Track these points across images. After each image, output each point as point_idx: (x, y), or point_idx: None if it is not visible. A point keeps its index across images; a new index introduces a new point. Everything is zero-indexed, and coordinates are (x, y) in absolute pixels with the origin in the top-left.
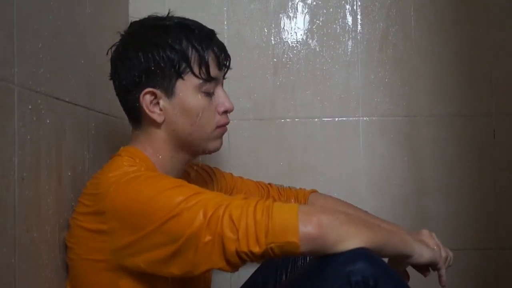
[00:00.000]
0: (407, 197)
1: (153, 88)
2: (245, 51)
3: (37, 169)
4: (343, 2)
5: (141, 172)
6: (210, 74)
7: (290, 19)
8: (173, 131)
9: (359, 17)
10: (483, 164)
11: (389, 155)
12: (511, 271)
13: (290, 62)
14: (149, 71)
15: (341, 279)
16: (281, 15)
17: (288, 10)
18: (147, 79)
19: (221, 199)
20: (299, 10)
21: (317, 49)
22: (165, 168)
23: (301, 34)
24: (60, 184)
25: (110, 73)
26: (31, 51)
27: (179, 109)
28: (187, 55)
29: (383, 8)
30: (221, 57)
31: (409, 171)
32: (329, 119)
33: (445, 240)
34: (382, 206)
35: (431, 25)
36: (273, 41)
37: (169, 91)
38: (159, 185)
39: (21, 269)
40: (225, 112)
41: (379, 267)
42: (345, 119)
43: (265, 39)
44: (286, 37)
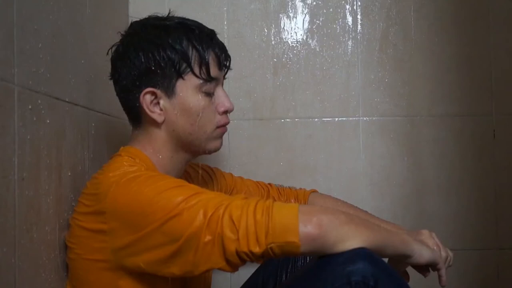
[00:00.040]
0: (407, 197)
1: (154, 88)
2: (245, 51)
3: (37, 169)
4: (343, 2)
5: (141, 172)
6: (210, 74)
7: (290, 19)
8: (173, 131)
9: (359, 17)
10: (483, 164)
11: (389, 155)
12: (511, 271)
13: (290, 62)
14: (150, 71)
15: (341, 279)
16: (281, 15)
17: (288, 10)
18: (148, 79)
19: (221, 199)
20: (299, 10)
21: (317, 49)
22: (165, 168)
23: (301, 34)
24: (60, 184)
25: (110, 73)
26: (31, 51)
27: (179, 109)
28: (187, 55)
29: (383, 8)
30: (221, 57)
31: (409, 171)
32: (329, 119)
33: (445, 240)
34: (382, 206)
35: (431, 25)
36: (273, 41)
37: (170, 91)
38: (159, 185)
39: (21, 269)
40: (225, 112)
41: (379, 267)
42: (345, 119)
43: (265, 39)
44: (286, 37)
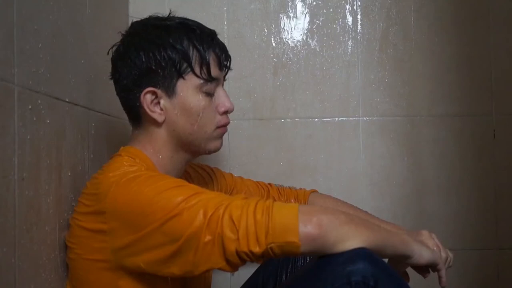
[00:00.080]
0: (407, 197)
1: (154, 87)
2: (245, 51)
3: (37, 169)
4: (343, 2)
5: (141, 172)
6: (211, 74)
7: (290, 19)
8: (174, 131)
9: (359, 17)
10: (483, 164)
11: (389, 155)
12: (511, 271)
13: (290, 62)
14: (150, 70)
15: (341, 279)
16: (281, 15)
17: (288, 10)
18: (148, 79)
19: (221, 199)
20: (299, 10)
21: (317, 49)
22: (165, 168)
23: (301, 34)
24: (60, 184)
25: (110, 72)
26: (31, 51)
27: (180, 108)
28: (188, 55)
29: (383, 8)
30: (222, 57)
31: (409, 171)
32: (329, 119)
33: (445, 240)
34: (382, 206)
35: (431, 25)
36: (273, 41)
37: (170, 91)
38: (159, 185)
39: (21, 269)
40: (225, 112)
41: (379, 267)
42: (345, 119)
43: (265, 39)
44: (286, 37)
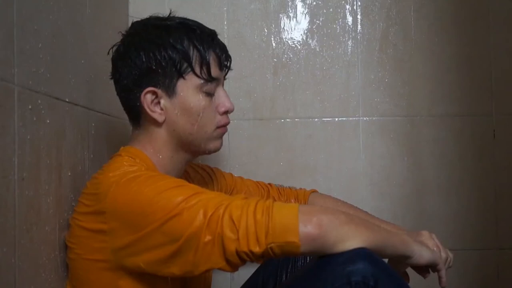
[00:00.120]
0: (407, 197)
1: (154, 87)
2: (245, 51)
3: (37, 169)
4: (343, 2)
5: (141, 172)
6: (211, 74)
7: (290, 19)
8: (174, 130)
9: (359, 17)
10: (483, 164)
11: (389, 155)
12: (511, 271)
13: (290, 62)
14: (150, 70)
15: (341, 279)
16: (281, 15)
17: (288, 10)
18: (148, 79)
19: (221, 199)
20: (299, 10)
21: (317, 49)
22: (165, 168)
23: (301, 34)
24: (60, 184)
25: (111, 72)
26: (31, 51)
27: (180, 108)
28: (188, 55)
29: (383, 8)
30: (222, 57)
31: (409, 171)
32: (329, 119)
33: (445, 240)
34: (382, 206)
35: (431, 25)
36: (273, 41)
37: (170, 91)
38: (159, 185)
39: (21, 269)
40: (225, 112)
41: (379, 267)
42: (345, 119)
43: (265, 39)
44: (286, 37)
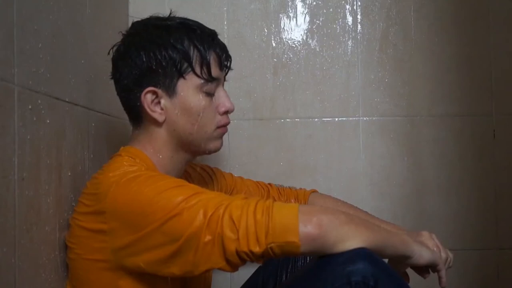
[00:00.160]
0: (407, 197)
1: (155, 87)
2: (245, 51)
3: (37, 169)
4: (343, 2)
5: (141, 172)
6: (211, 74)
7: (290, 19)
8: (174, 130)
9: (359, 17)
10: (483, 164)
11: (389, 155)
12: (511, 271)
13: (290, 62)
14: (151, 70)
15: (341, 279)
16: (281, 15)
17: (288, 10)
18: (149, 78)
19: (221, 199)
20: (299, 10)
21: (317, 49)
22: (165, 168)
23: (301, 34)
24: (60, 184)
25: (111, 72)
26: (31, 51)
27: (180, 108)
28: (189, 55)
29: (383, 8)
30: (222, 57)
31: (409, 171)
32: (329, 119)
33: (445, 240)
34: (382, 206)
35: (431, 25)
36: (273, 41)
37: (171, 91)
38: (159, 185)
39: (21, 269)
40: (225, 112)
41: (379, 267)
42: (345, 119)
43: (265, 39)
44: (286, 37)
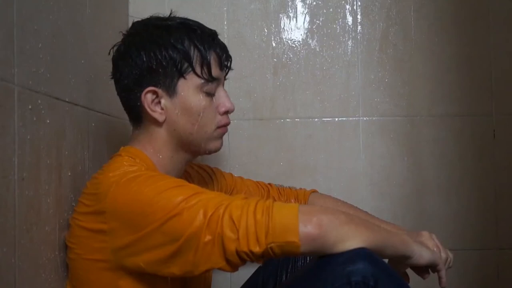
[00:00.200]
0: (407, 197)
1: (155, 87)
2: (245, 51)
3: (37, 169)
4: (343, 2)
5: (141, 172)
6: (211, 74)
7: (290, 19)
8: (174, 130)
9: (359, 17)
10: (483, 164)
11: (389, 155)
12: (511, 271)
13: (290, 62)
14: (151, 70)
15: (341, 279)
16: (281, 15)
17: (288, 10)
18: (149, 78)
19: (221, 199)
20: (299, 10)
21: (317, 49)
22: (165, 168)
23: (301, 34)
24: (60, 184)
25: (111, 72)
26: (31, 51)
27: (180, 108)
28: (189, 55)
29: (383, 8)
30: (222, 57)
31: (409, 171)
32: (329, 119)
33: (445, 240)
34: (382, 206)
35: (431, 25)
36: (273, 41)
37: (171, 90)
38: (159, 185)
39: (21, 269)
40: (226, 112)
41: (379, 267)
42: (345, 119)
43: (265, 39)
44: (286, 37)
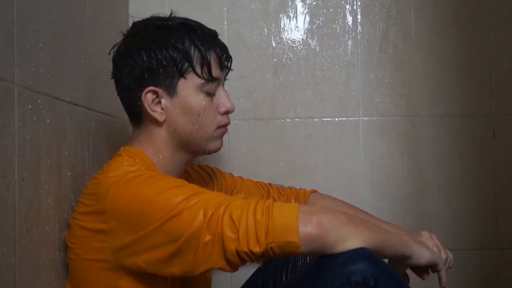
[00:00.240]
0: (407, 197)
1: (155, 87)
2: (245, 51)
3: (37, 169)
4: (343, 2)
5: (142, 172)
6: (212, 74)
7: (290, 19)
8: (174, 130)
9: (359, 17)
10: (483, 164)
11: (389, 155)
12: (511, 271)
13: (290, 62)
14: (152, 70)
15: (341, 279)
16: (281, 15)
17: (288, 10)
18: (149, 78)
19: (222, 199)
20: (299, 10)
21: (317, 49)
22: (165, 168)
23: (301, 34)
24: (60, 184)
25: (111, 72)
26: (31, 51)
27: (181, 108)
28: (189, 55)
29: (383, 8)
30: (223, 57)
31: (409, 171)
32: (329, 119)
33: (445, 240)
34: (382, 206)
35: (431, 25)
36: (273, 41)
37: (171, 90)
38: (159, 185)
39: (21, 269)
40: (226, 112)
41: (379, 267)
42: (345, 119)
43: (265, 39)
44: (286, 37)
